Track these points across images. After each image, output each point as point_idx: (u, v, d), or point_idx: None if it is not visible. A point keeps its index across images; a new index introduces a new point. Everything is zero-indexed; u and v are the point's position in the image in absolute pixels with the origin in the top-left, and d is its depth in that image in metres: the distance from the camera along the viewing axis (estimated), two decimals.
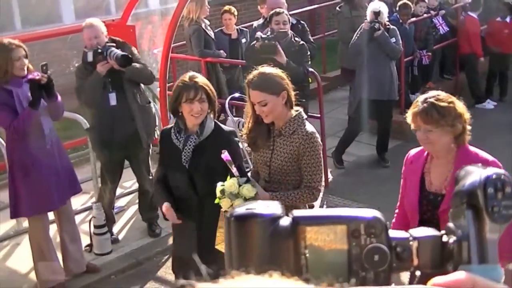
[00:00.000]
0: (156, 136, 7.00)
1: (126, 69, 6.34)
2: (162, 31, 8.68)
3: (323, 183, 4.59)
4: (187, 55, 9.62)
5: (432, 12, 11.28)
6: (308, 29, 8.46)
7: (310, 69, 7.68)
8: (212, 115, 4.70)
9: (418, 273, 1.01)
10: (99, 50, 6.34)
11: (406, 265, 0.98)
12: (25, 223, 6.90)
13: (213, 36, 9.36)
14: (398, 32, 8.93)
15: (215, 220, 4.30)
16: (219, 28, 9.75)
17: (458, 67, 11.92)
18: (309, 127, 4.44)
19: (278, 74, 4.47)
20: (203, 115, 4.59)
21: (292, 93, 4.46)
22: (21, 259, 6.62)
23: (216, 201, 4.21)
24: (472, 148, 3.93)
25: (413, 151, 4.17)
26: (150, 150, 7.03)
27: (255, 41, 7.42)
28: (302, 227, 0.97)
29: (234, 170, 4.30)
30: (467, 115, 3.88)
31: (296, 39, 7.52)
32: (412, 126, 3.91)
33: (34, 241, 6.06)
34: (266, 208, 1.03)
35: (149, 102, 6.94)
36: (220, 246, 4.28)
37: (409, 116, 3.90)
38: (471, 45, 11.48)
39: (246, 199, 4.13)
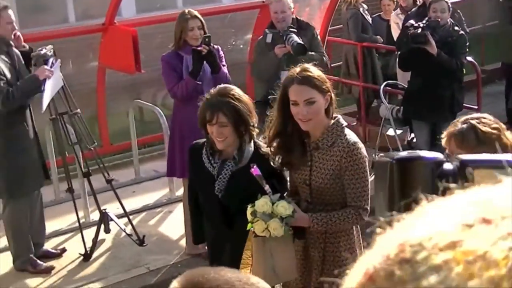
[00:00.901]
0: None
1: (302, 56, 6.42)
2: (319, 14, 8.70)
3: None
4: (343, 39, 9.59)
5: None
6: (463, 19, 8.19)
7: (470, 59, 7.45)
8: (249, 137, 3.94)
9: None
10: (280, 34, 6.45)
11: None
12: (178, 192, 7.17)
13: (370, 21, 9.28)
14: None
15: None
16: (377, 14, 9.65)
17: None
18: (351, 136, 3.79)
19: (322, 74, 3.86)
20: (228, 140, 3.88)
21: (335, 99, 3.84)
22: (172, 226, 6.87)
23: (249, 226, 3.68)
24: None
25: None
26: None
27: (406, 29, 7.28)
28: (470, 170, 0.96)
29: (266, 187, 3.70)
30: None
31: (456, 28, 7.28)
32: (447, 150, 3.30)
33: (185, 207, 6.26)
34: (429, 153, 1.05)
35: None
36: (245, 271, 3.73)
37: (444, 137, 3.33)
38: None
39: (282, 219, 3.62)
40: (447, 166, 1.02)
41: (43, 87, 5.84)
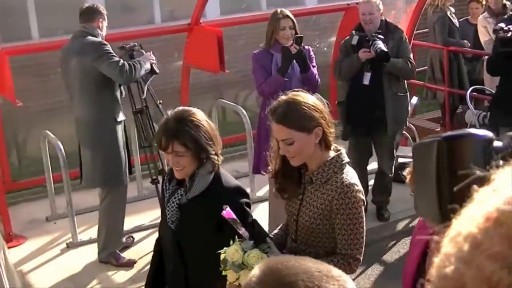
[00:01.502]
0: (406, 125, 7.01)
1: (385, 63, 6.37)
2: (405, 17, 8.59)
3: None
4: (428, 43, 9.45)
5: None
6: None
7: None
8: (209, 166, 3.49)
9: None
10: (367, 38, 6.42)
11: None
12: (259, 192, 7.18)
13: (457, 25, 9.11)
14: None
15: None
16: (465, 17, 9.48)
17: None
18: (349, 176, 3.32)
19: (312, 104, 3.31)
20: (186, 170, 3.47)
21: (331, 130, 3.33)
22: None
23: (223, 272, 3.26)
24: None
25: None
26: (397, 137, 6.94)
27: (496, 33, 7.10)
28: None
29: (241, 230, 3.23)
30: None
31: None
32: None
33: (271, 204, 6.21)
34: (479, 130, 1.05)
35: (406, 92, 6.81)
36: None
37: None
38: None
39: None
40: (497, 143, 1.00)
41: (156, 70, 6.14)
